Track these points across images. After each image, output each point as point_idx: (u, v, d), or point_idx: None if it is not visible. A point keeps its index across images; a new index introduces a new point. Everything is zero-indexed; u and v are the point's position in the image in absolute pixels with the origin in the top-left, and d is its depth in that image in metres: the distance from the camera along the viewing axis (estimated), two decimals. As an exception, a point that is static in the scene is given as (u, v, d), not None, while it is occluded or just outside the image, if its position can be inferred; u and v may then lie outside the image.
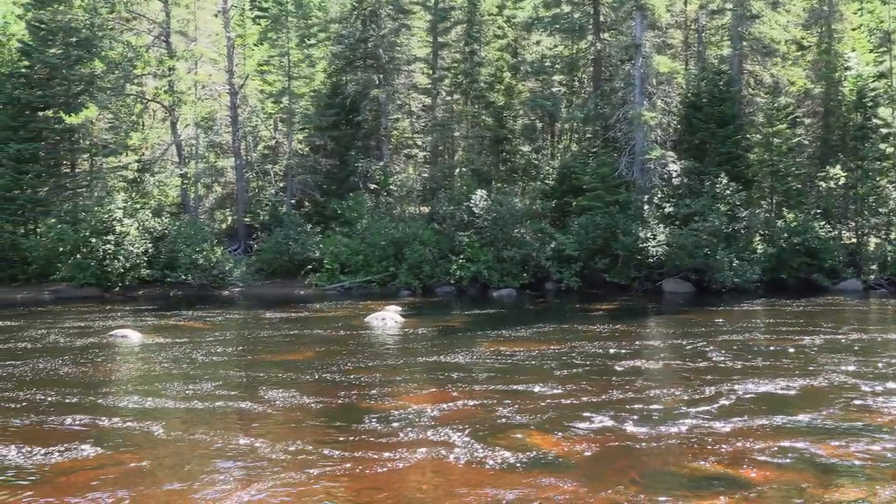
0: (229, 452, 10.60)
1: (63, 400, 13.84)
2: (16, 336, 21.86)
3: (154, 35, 41.27)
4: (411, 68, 43.43)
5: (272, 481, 9.44)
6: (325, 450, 10.62)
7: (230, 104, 40.99)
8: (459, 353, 18.01)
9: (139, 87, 42.38)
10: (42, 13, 38.89)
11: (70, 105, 37.89)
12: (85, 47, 38.70)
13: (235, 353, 18.55)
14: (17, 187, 38.28)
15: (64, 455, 10.57)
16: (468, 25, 40.77)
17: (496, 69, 41.03)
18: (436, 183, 42.20)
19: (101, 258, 34.32)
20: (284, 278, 36.44)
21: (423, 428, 11.65)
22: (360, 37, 42.27)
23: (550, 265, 33.08)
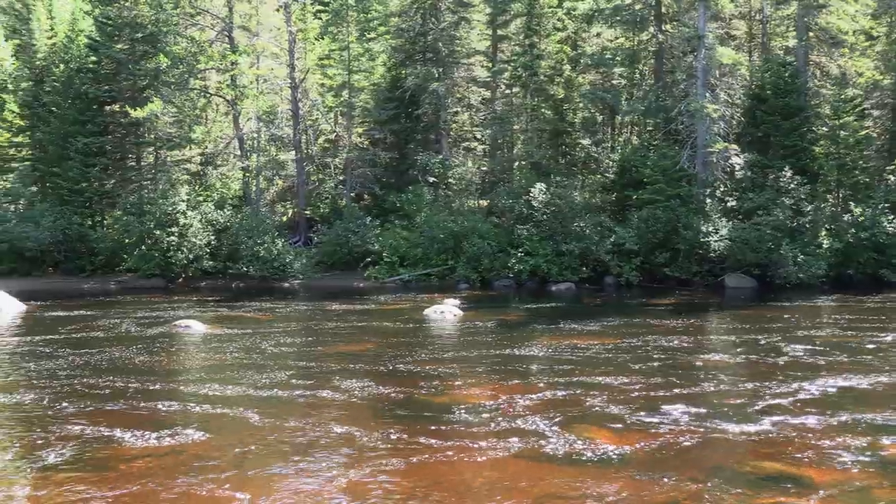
0: (292, 441, 10.75)
1: (148, 387, 14.25)
2: (89, 326, 22.39)
3: (217, 30, 41.81)
4: (471, 61, 43.41)
5: (330, 472, 9.55)
6: (385, 441, 10.71)
7: (291, 98, 41.35)
8: (518, 347, 17.98)
9: (203, 81, 42.96)
10: (109, 9, 39.61)
11: (136, 99, 38.56)
12: (150, 42, 39.33)
13: (297, 345, 18.74)
14: (85, 180, 39.10)
15: (175, 439, 10.96)
16: (528, 18, 40.49)
17: (556, 62, 40.71)
18: (495, 176, 42.14)
19: (166, 250, 34.90)
20: (344, 271, 36.68)
21: (481, 421, 11.67)
22: (419, 30, 42.33)
23: (610, 259, 32.83)
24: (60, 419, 12.10)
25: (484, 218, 36.44)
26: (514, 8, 41.06)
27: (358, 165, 41.26)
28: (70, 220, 37.91)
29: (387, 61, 43.67)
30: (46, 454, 10.35)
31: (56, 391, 13.92)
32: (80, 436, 11.14)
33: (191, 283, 35.56)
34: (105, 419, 12.01)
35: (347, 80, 40.70)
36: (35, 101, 43.98)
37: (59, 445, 10.70)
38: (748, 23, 41.14)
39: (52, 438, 11.06)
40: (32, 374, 15.38)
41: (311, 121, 43.53)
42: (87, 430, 11.43)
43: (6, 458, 10.22)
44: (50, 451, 10.49)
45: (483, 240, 34.11)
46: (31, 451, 10.52)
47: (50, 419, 12.14)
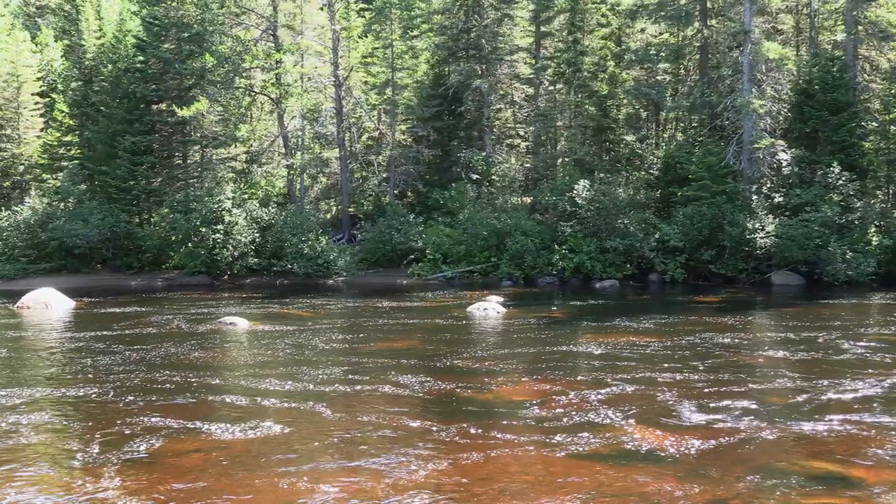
0: (338, 436, 10.82)
1: (208, 382, 14.51)
2: (138, 322, 22.72)
3: (262, 29, 42.13)
4: (514, 58, 43.36)
5: (375, 467, 9.60)
6: (429, 438, 10.74)
7: (335, 96, 41.57)
8: (562, 344, 17.93)
9: (248, 80, 43.33)
10: (156, 9, 40.09)
11: (182, 98, 39.02)
12: (196, 42, 39.75)
13: (341, 342, 18.85)
14: (133, 178, 39.64)
15: (256, 432, 11.13)
16: (571, 14, 40.36)
17: (600, 58, 40.55)
18: (538, 173, 42.06)
19: (211, 247, 35.26)
20: (387, 268, 36.81)
21: (525, 418, 11.66)
22: (462, 27, 42.39)
23: (655, 256, 32.61)
24: (131, 412, 12.30)
25: (527, 215, 36.39)
26: (557, 4, 40.91)
27: (401, 163, 41.38)
28: (118, 217, 38.44)
29: (430, 59, 43.75)
30: (129, 446, 10.55)
31: (119, 385, 14.15)
32: (155, 428, 11.35)
33: (236, 280, 35.90)
34: (174, 412, 12.26)
35: (391, 78, 40.84)
36: (84, 101, 44.74)
37: (139, 438, 10.91)
38: (795, 17, 40.61)
39: (127, 431, 11.26)
40: (91, 370, 15.62)
41: (354, 118, 43.73)
42: (161, 422, 11.67)
43: (89, 451, 10.36)
44: (130, 443, 10.69)
45: (526, 237, 34.05)
46: (111, 444, 10.66)
47: (121, 412, 12.34)
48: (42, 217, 38.71)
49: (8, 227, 38.87)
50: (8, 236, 38.70)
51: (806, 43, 39.90)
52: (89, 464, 9.91)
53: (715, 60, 38.36)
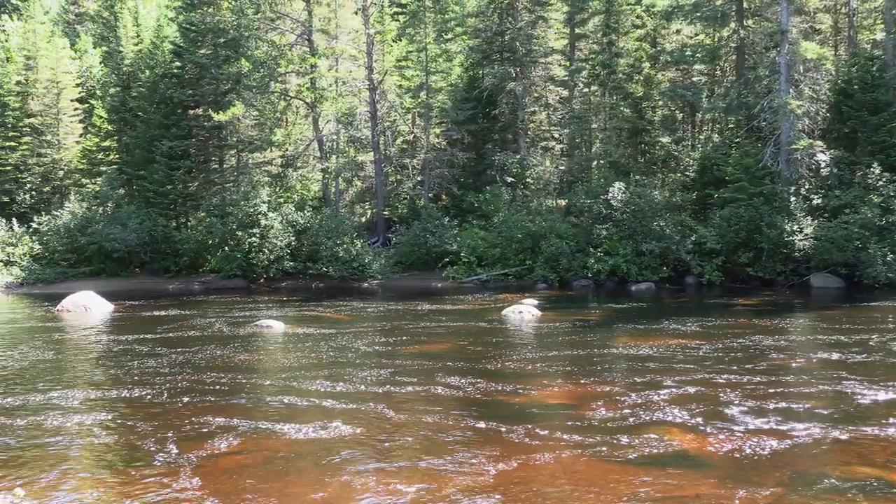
0: (372, 439, 10.85)
1: (257, 383, 14.80)
2: (177, 325, 22.97)
3: (297, 34, 42.39)
4: (548, 60, 43.26)
5: (393, 473, 9.61)
6: (462, 441, 10.75)
7: (369, 100, 41.73)
8: (597, 347, 17.85)
9: (283, 84, 43.61)
10: (192, 15, 40.48)
11: (218, 103, 39.36)
12: (232, 47, 40.09)
13: (377, 345, 18.88)
14: (170, 182, 40.08)
15: (321, 432, 11.26)
16: (606, 16, 40.22)
17: (635, 59, 40.35)
18: (573, 175, 41.92)
19: (247, 250, 35.51)
20: (422, 271, 36.89)
21: (561, 422, 11.61)
22: (496, 30, 42.40)
23: (691, 259, 32.36)
24: (191, 413, 12.49)
25: (562, 217, 36.29)
26: (591, 6, 40.76)
27: (436, 166, 41.44)
28: (155, 221, 38.86)
29: (464, 62, 43.81)
30: (200, 446, 10.74)
31: (170, 387, 14.34)
32: (222, 427, 11.55)
33: (272, 283, 36.13)
34: (235, 413, 12.47)
35: (425, 81, 40.92)
36: (122, 107, 45.32)
37: (208, 437, 11.10)
38: (833, 16, 40.16)
39: (193, 431, 11.47)
40: (139, 372, 15.84)
41: (389, 122, 43.87)
42: (225, 422, 11.87)
43: (165, 451, 10.51)
44: (203, 442, 10.90)
45: (561, 239, 33.95)
46: (182, 444, 10.83)
47: (181, 413, 12.53)
48: (81, 221, 39.22)
49: (48, 232, 39.45)
50: (48, 240, 39.27)
51: (844, 42, 39.43)
52: (169, 463, 10.07)
53: (751, 61, 38.02)
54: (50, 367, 16.80)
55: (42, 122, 47.29)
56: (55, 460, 10.33)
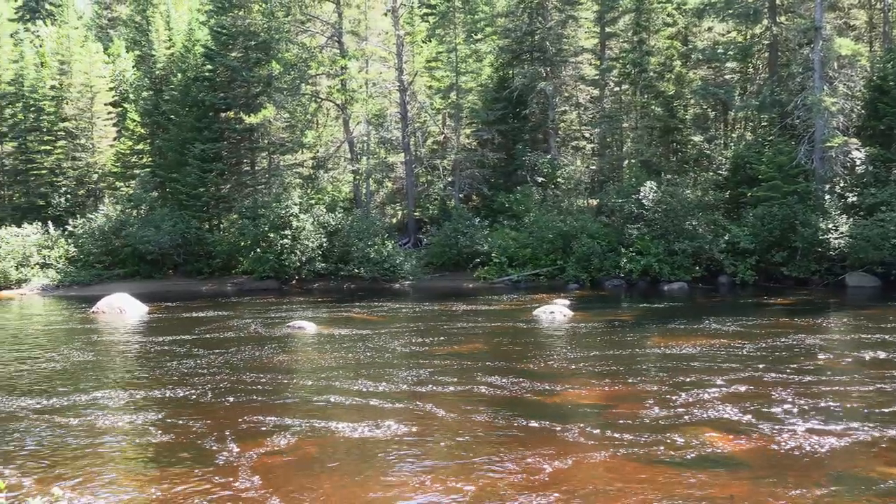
0: (399, 441, 10.84)
1: (298, 383, 15.00)
2: (212, 326, 23.17)
3: (327, 36, 42.55)
4: (578, 60, 43.11)
5: (448, 471, 9.59)
6: (496, 441, 10.74)
7: (400, 101, 41.79)
8: (630, 347, 17.76)
9: (313, 86, 43.79)
10: (223, 19, 40.76)
11: (250, 106, 39.61)
12: (263, 50, 40.32)
13: (409, 345, 18.89)
14: (203, 185, 40.39)
15: (372, 431, 11.34)
16: (637, 14, 39.96)
17: (666, 58, 40.06)
18: (604, 175, 41.75)
19: (279, 252, 35.67)
20: (453, 271, 36.88)
21: (594, 423, 11.54)
22: (526, 30, 42.29)
23: (724, 258, 32.10)
24: (240, 412, 12.68)
25: (593, 217, 36.14)
26: (622, 4, 40.56)
27: (466, 166, 41.42)
28: (188, 224, 39.16)
29: (494, 62, 43.76)
30: (255, 443, 10.92)
31: (213, 387, 14.53)
32: (276, 426, 11.70)
33: (304, 284, 36.28)
34: (283, 412, 12.65)
35: (455, 82, 40.92)
36: (155, 110, 45.71)
37: (260, 436, 11.26)
38: (868, 12, 39.66)
39: (245, 428, 11.69)
40: (178, 372, 16.04)
41: (419, 123, 43.90)
42: (276, 421, 12.03)
43: (224, 449, 10.66)
44: (258, 440, 11.07)
45: (593, 239, 33.82)
46: (237, 442, 10.99)
47: (230, 412, 12.73)
48: (115, 224, 39.63)
49: (83, 235, 39.89)
50: (83, 243, 39.71)
51: (879, 38, 38.92)
52: (227, 461, 10.21)
53: (785, 58, 37.66)
54: (91, 368, 17.02)
55: (76, 126, 47.80)
56: (100, 460, 10.47)
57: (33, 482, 9.55)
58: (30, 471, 9.99)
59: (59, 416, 12.58)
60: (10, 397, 14.03)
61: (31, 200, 47.04)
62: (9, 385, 15.23)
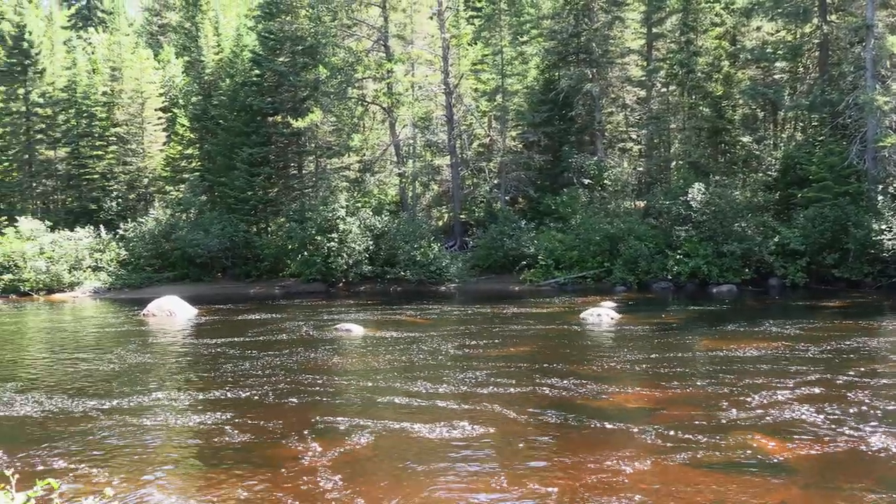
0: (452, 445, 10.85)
1: (362, 384, 14.99)
2: (266, 329, 23.37)
3: (373, 40, 42.74)
4: (625, 61, 42.85)
5: (493, 475, 9.59)
6: (542, 444, 10.74)
7: (446, 104, 41.85)
8: (678, 350, 17.60)
9: (360, 90, 44.02)
10: (271, 24, 41.18)
11: (297, 110, 39.96)
12: (310, 54, 40.66)
13: (456, 348, 18.89)
14: (251, 189, 40.81)
15: (461, 432, 11.42)
16: (684, 14, 39.62)
17: (714, 58, 39.66)
18: (651, 177, 41.45)
19: (326, 255, 35.90)
20: (499, 274, 36.83)
21: (640, 426, 11.46)
22: (572, 31, 42.16)
23: (774, 260, 31.69)
24: (301, 413, 12.88)
25: (641, 219, 35.89)
26: (669, 5, 40.23)
27: (512, 169, 41.36)
28: (237, 227, 39.59)
29: (540, 64, 43.66)
30: (335, 443, 11.10)
31: (273, 388, 14.71)
32: (353, 427, 11.83)
33: (350, 287, 36.46)
34: (348, 413, 12.80)
35: (501, 84, 40.88)
36: (203, 115, 46.29)
37: (338, 436, 11.44)
38: (922, 9, 38.90)
39: (322, 427, 11.92)
40: (232, 374, 16.26)
41: (465, 126, 43.92)
42: (349, 421, 12.17)
43: (308, 448, 10.82)
44: (338, 439, 11.26)
45: (640, 241, 33.58)
46: (317, 441, 11.18)
47: (298, 412, 12.93)
48: (165, 228, 40.18)
49: (134, 238, 40.51)
50: (134, 246, 40.33)
51: (933, 36, 38.15)
52: (313, 460, 10.36)
53: (835, 57, 37.06)
54: (148, 370, 17.32)
55: (127, 131, 48.57)
56: (160, 460, 10.66)
57: (94, 481, 9.71)
58: (92, 471, 10.17)
59: (120, 417, 12.82)
60: (73, 398, 14.32)
61: (83, 205, 47.89)
62: (70, 386, 15.54)
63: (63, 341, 23.05)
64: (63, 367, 17.97)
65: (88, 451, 11.03)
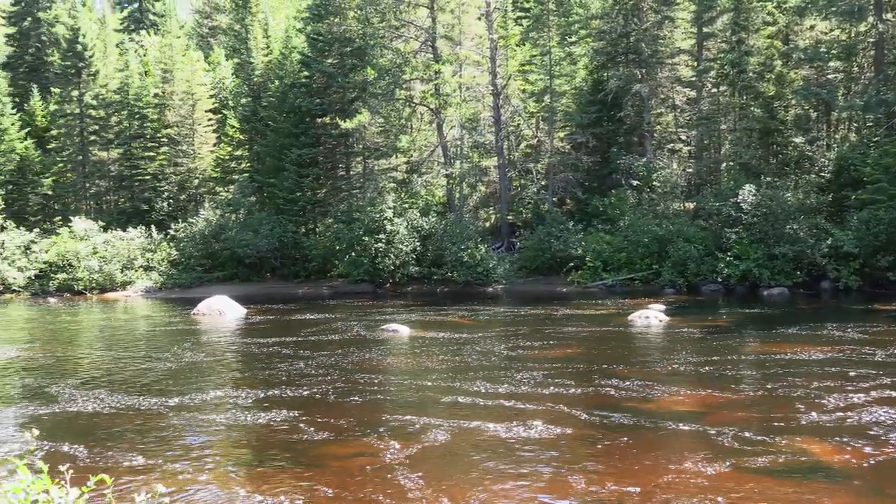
0: (504, 445, 10.81)
1: (420, 384, 15.10)
2: (316, 329, 23.55)
3: (421, 41, 42.80)
4: (675, 61, 42.44)
5: (571, 474, 9.55)
6: (590, 448, 10.66)
7: (493, 105, 41.77)
8: (728, 353, 17.37)
9: (407, 91, 44.11)
10: (319, 26, 41.45)
11: (345, 111, 40.16)
12: (358, 56, 40.84)
13: (503, 350, 18.85)
14: (299, 189, 41.12)
15: (535, 432, 11.42)
16: (735, 14, 39.12)
17: (766, 58, 39.14)
18: (701, 178, 41.02)
19: (374, 256, 36.02)
20: (546, 276, 36.68)
21: (691, 430, 11.33)
22: (621, 31, 41.86)
23: (827, 263, 31.17)
24: (370, 411, 13.06)
25: (690, 221, 35.51)
26: (720, 4, 39.74)
27: (560, 170, 41.17)
28: (285, 228, 39.90)
29: (588, 64, 43.41)
30: (409, 441, 11.17)
31: (331, 387, 14.85)
32: (416, 427, 11.89)
33: (397, 288, 36.54)
34: (413, 412, 12.87)
35: (549, 85, 40.71)
36: (253, 116, 46.72)
37: (411, 434, 11.54)
38: (981, 6, 38.05)
39: (397, 425, 12.04)
40: (290, 373, 16.41)
41: (512, 127, 43.83)
42: (419, 420, 12.22)
43: (386, 447, 10.89)
44: (414, 436, 11.36)
45: (689, 243, 33.25)
46: (392, 438, 11.28)
47: (363, 411, 13.07)
48: (215, 228, 40.62)
49: (184, 238, 40.99)
50: (184, 247, 40.82)
51: None
52: (393, 457, 10.41)
53: (891, 56, 36.40)
54: (204, 368, 17.59)
55: (178, 132, 49.16)
56: (219, 458, 10.77)
57: (148, 478, 9.82)
58: (147, 467, 10.30)
59: (178, 415, 13.01)
60: (131, 395, 14.56)
61: (135, 205, 48.56)
62: (128, 384, 15.80)
63: (118, 339, 23.42)
64: (120, 365, 18.26)
65: (146, 447, 11.16)
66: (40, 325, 28.14)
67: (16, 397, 14.89)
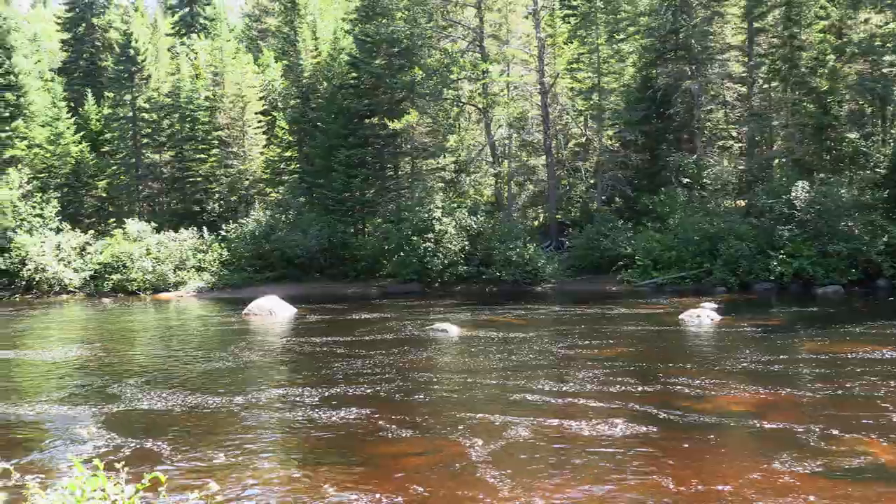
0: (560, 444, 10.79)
1: (483, 382, 15.25)
2: (367, 329, 23.63)
3: (468, 40, 42.81)
4: (725, 57, 41.94)
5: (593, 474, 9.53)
6: (646, 446, 10.60)
7: (541, 103, 41.64)
8: (783, 353, 17.15)
9: (455, 91, 44.12)
10: (368, 27, 41.62)
11: (393, 112, 40.26)
12: (406, 56, 40.94)
13: (553, 349, 18.83)
14: (348, 190, 41.32)
15: (618, 430, 11.51)
16: (787, 8, 38.52)
17: (818, 52, 38.50)
18: (753, 175, 40.44)
19: (422, 255, 36.06)
20: (595, 274, 36.45)
21: (746, 430, 11.23)
22: (670, 28, 41.44)
23: (883, 260, 30.60)
24: (439, 408, 13.22)
25: (741, 219, 35.05)
26: (771, -1, 39.21)
27: (609, 168, 40.92)
28: (334, 228, 40.12)
29: (637, 61, 43.06)
30: (478, 437, 11.27)
31: (390, 385, 14.97)
32: (504, 423, 11.98)
33: (446, 287, 36.53)
34: (491, 409, 12.98)
35: (597, 83, 40.47)
36: (302, 118, 47.05)
37: (482, 429, 11.72)
38: None
39: (464, 424, 12.07)
40: (347, 371, 16.58)
41: (561, 125, 43.65)
42: (488, 418, 12.35)
43: (486, 444, 10.98)
44: (484, 432, 11.52)
45: (741, 241, 32.83)
46: (465, 436, 11.37)
47: (429, 409, 13.21)
48: (265, 229, 40.93)
49: (235, 239, 41.36)
50: (235, 247, 41.19)
51: None
52: (478, 454, 10.49)
53: (949, 49, 35.59)
54: (258, 367, 17.87)
55: (229, 134, 49.61)
56: (279, 457, 10.94)
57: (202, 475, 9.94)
58: (202, 465, 10.47)
59: (236, 413, 13.25)
60: (189, 394, 14.78)
61: (187, 206, 49.14)
62: (186, 382, 16.05)
63: (175, 339, 23.76)
64: (178, 364, 18.54)
65: (202, 445, 11.31)
66: (98, 325, 28.62)
67: (78, 396, 15.14)
